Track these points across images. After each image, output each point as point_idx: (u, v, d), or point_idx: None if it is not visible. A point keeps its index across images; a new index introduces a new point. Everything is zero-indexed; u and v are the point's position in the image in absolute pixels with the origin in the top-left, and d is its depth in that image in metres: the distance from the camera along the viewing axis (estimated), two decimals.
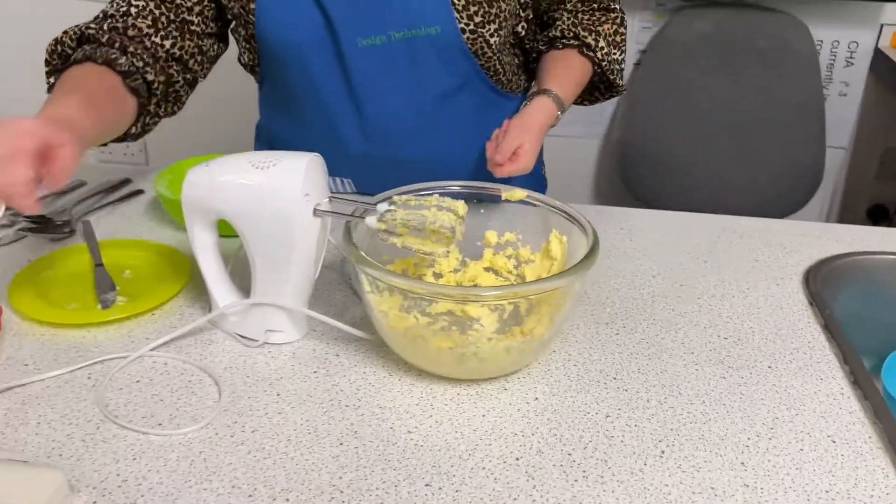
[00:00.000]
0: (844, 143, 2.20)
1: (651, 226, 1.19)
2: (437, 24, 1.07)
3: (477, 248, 0.98)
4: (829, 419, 0.80)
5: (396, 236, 0.82)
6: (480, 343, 0.80)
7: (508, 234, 0.97)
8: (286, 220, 0.81)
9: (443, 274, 0.97)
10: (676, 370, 0.86)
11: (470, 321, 0.88)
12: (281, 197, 0.81)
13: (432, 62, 1.10)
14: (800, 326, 0.95)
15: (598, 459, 0.74)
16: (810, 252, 1.12)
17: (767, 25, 2.02)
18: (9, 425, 0.75)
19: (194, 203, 0.85)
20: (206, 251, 0.88)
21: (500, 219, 0.97)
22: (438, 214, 0.81)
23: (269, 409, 0.78)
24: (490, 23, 1.09)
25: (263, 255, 0.84)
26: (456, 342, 0.80)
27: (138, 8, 1.05)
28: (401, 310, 0.84)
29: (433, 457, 0.73)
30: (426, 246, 0.81)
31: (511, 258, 0.97)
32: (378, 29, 1.07)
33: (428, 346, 0.80)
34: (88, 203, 1.18)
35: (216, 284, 0.89)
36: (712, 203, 1.89)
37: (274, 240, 0.82)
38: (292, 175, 0.81)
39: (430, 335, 0.81)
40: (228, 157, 0.86)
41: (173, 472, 0.71)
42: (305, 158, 0.82)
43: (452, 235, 0.81)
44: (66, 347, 0.86)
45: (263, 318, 0.87)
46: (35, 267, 0.99)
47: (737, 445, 0.76)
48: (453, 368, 0.82)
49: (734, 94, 2.05)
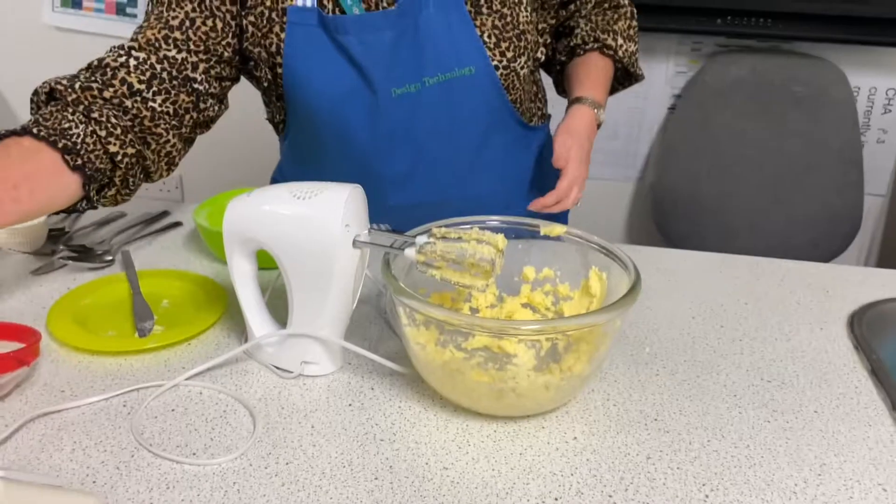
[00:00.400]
0: (883, 190, 2.17)
1: (688, 267, 1.17)
2: (471, 65, 1.07)
3: (514, 283, 0.97)
4: (880, 466, 0.77)
5: (435, 269, 0.81)
6: (519, 378, 0.79)
7: (547, 269, 0.96)
8: (326, 250, 0.81)
9: (479, 309, 0.96)
10: (719, 413, 0.84)
11: (507, 357, 0.87)
12: (321, 227, 0.81)
13: (467, 103, 1.10)
14: (845, 371, 0.93)
15: (640, 502, 0.71)
16: (854, 296, 1.10)
17: (803, 71, 2.02)
18: (44, 451, 0.75)
19: (235, 232, 0.85)
20: (244, 280, 0.88)
21: (538, 254, 0.96)
22: (478, 247, 0.80)
23: (303, 442, 0.77)
24: (520, 56, 1.10)
25: (302, 285, 0.84)
26: (493, 377, 0.79)
27: (138, 61, 0.99)
28: (437, 344, 0.83)
29: (469, 494, 0.72)
30: (465, 279, 0.81)
31: (549, 294, 0.96)
32: (412, 77, 1.06)
33: (465, 380, 0.79)
34: (128, 234, 1.19)
35: (253, 314, 0.89)
36: (747, 249, 1.86)
37: (313, 270, 0.82)
38: (333, 206, 0.81)
39: (467, 369, 0.80)
40: (270, 187, 0.86)
41: (206, 502, 0.70)
42: (347, 189, 0.82)
43: (492, 269, 0.80)
44: (102, 375, 0.86)
45: (299, 350, 0.87)
46: (74, 295, 0.99)
47: (783, 491, 0.73)
48: (491, 404, 0.80)
49: (770, 139, 2.04)
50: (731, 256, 1.21)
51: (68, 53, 2.25)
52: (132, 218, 1.24)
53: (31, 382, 0.85)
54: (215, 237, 1.04)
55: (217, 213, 1.16)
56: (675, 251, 1.23)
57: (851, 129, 2.02)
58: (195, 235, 1.20)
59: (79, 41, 2.25)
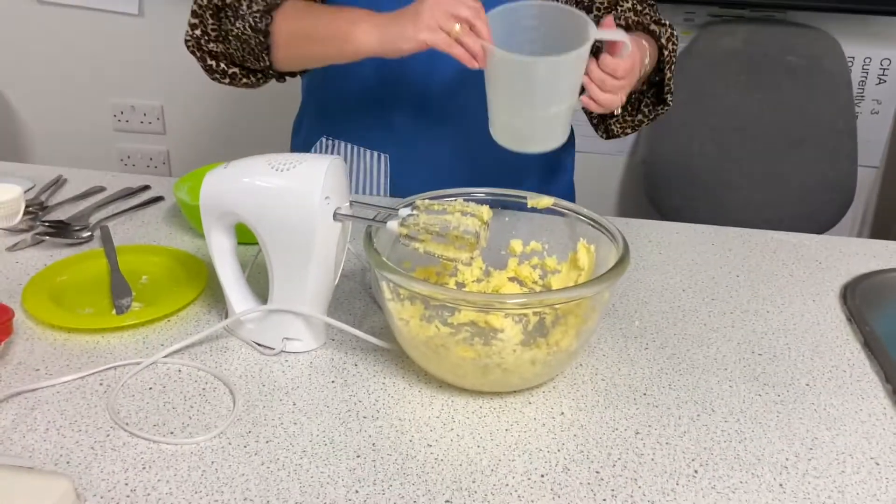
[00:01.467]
0: (876, 161, 2.15)
1: (680, 239, 1.15)
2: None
3: (501, 257, 0.95)
4: (872, 440, 0.76)
5: (419, 241, 0.79)
6: (505, 353, 0.77)
7: (534, 243, 0.94)
8: (306, 223, 0.79)
9: (465, 283, 0.94)
10: (709, 386, 0.83)
11: (493, 332, 0.85)
12: (301, 200, 0.78)
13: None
14: (838, 343, 0.91)
15: (628, 478, 0.70)
16: (847, 268, 1.08)
17: (797, 41, 1.99)
18: (17, 431, 0.73)
19: (212, 206, 0.83)
20: (223, 256, 0.86)
21: (525, 227, 0.94)
22: (462, 219, 0.78)
23: (284, 420, 0.76)
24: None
25: (282, 259, 0.82)
26: (479, 353, 0.77)
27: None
28: (422, 319, 0.81)
29: (454, 472, 0.70)
30: (449, 252, 0.78)
31: (536, 268, 0.94)
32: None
33: (450, 355, 0.77)
34: (108, 209, 1.16)
35: (233, 290, 0.87)
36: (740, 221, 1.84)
37: (293, 244, 0.80)
38: (313, 177, 0.79)
39: (452, 344, 0.78)
40: (247, 159, 0.84)
41: (184, 482, 0.68)
42: (326, 161, 0.80)
43: (476, 241, 0.78)
44: (78, 353, 0.84)
45: (281, 326, 0.85)
46: (50, 271, 0.97)
47: (774, 466, 0.72)
48: (476, 380, 0.79)
49: (763, 110, 2.01)
50: (722, 229, 1.19)
51: (53, 27, 2.21)
52: (112, 192, 1.21)
53: (5, 361, 0.82)
54: (196, 211, 1.01)
55: (198, 188, 1.12)
56: (667, 223, 1.21)
57: (845, 99, 1.99)
58: (176, 210, 1.18)
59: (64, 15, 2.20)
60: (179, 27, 1.19)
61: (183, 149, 2.34)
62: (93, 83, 2.27)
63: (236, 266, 0.87)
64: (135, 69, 2.23)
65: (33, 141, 2.39)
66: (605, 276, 0.76)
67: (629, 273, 1.04)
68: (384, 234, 0.82)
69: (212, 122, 2.27)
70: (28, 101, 2.34)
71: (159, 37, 2.15)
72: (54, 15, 2.20)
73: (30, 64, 2.27)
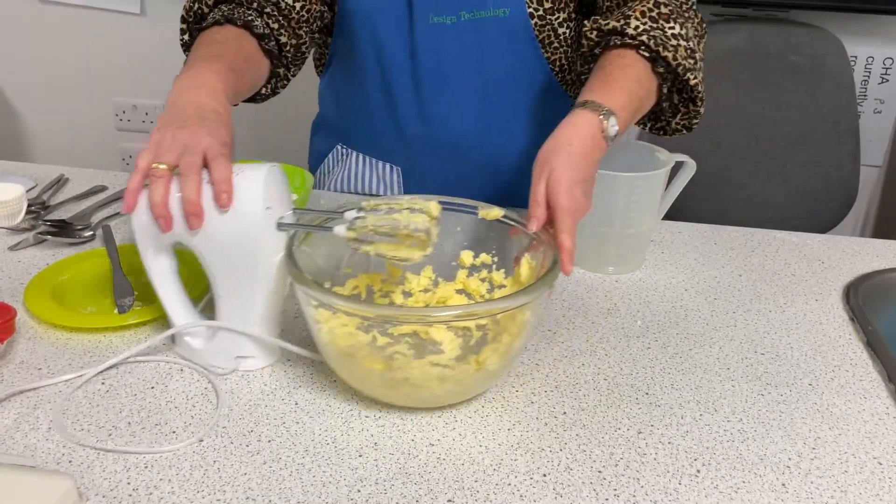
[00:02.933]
0: (879, 161, 2.14)
1: (682, 239, 1.15)
2: (506, 7, 1.07)
3: (452, 268, 0.91)
4: (875, 440, 0.76)
5: (368, 244, 0.76)
6: (410, 367, 0.73)
7: (484, 255, 0.89)
8: (247, 236, 0.75)
9: (413, 293, 0.90)
10: (712, 386, 0.82)
11: (433, 345, 0.80)
12: (240, 212, 0.75)
13: (497, 46, 1.09)
14: (841, 343, 0.91)
15: (630, 478, 0.70)
16: (849, 267, 1.08)
17: (800, 40, 1.98)
18: (19, 430, 0.73)
19: (146, 226, 0.78)
20: (164, 278, 0.82)
21: (477, 238, 0.89)
22: (411, 217, 0.75)
23: (286, 419, 0.76)
24: (560, 10, 1.08)
25: (226, 277, 0.78)
26: (386, 365, 0.73)
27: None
28: (359, 328, 0.76)
29: (456, 471, 0.70)
30: (401, 252, 0.75)
31: (485, 281, 0.90)
32: (450, 9, 1.08)
33: (357, 365, 0.74)
34: (109, 208, 1.16)
35: (178, 314, 0.82)
36: (742, 220, 1.84)
37: (235, 258, 0.77)
38: (251, 188, 0.75)
39: (362, 355, 0.74)
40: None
41: (186, 481, 0.68)
42: (264, 169, 0.76)
43: (428, 238, 0.75)
44: (80, 352, 0.84)
45: (233, 345, 0.81)
46: (52, 270, 0.97)
47: (777, 466, 0.72)
48: (387, 392, 0.75)
49: (765, 109, 2.01)
50: (724, 228, 1.19)
51: (55, 26, 2.21)
52: (114, 192, 1.21)
53: (7, 360, 0.82)
54: None
55: None
56: (669, 223, 1.20)
57: (848, 98, 1.99)
58: None
59: (67, 14, 2.20)
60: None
61: None
62: (95, 82, 2.27)
63: (179, 288, 0.83)
64: (137, 68, 2.23)
65: (35, 140, 2.40)
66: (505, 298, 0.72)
67: (631, 272, 1.04)
68: (325, 241, 0.79)
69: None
70: (30, 101, 2.34)
71: (161, 36, 2.15)
72: (56, 14, 2.20)
73: (32, 63, 2.27)
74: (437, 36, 1.09)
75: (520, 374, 0.83)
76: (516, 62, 1.11)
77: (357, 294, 0.88)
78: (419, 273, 0.90)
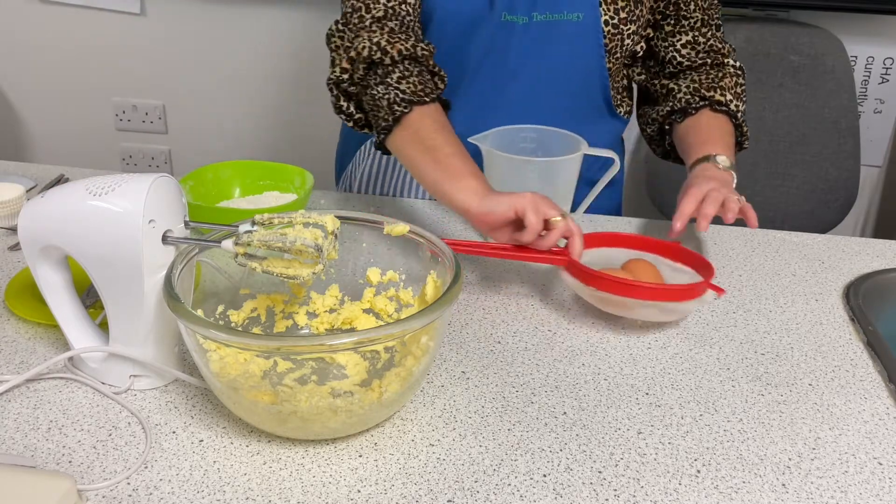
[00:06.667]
0: (879, 160, 2.14)
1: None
2: (581, 11, 1.08)
3: (359, 286, 0.87)
4: (875, 440, 0.76)
5: (258, 260, 0.72)
6: (298, 399, 0.68)
7: (391, 272, 0.86)
8: (131, 250, 0.72)
9: (318, 314, 0.86)
10: (712, 386, 0.82)
11: (339, 369, 0.78)
12: (121, 225, 0.71)
13: (566, 49, 1.11)
14: (841, 343, 0.91)
15: (630, 478, 0.70)
16: (850, 267, 1.08)
17: (801, 40, 1.98)
18: (19, 430, 0.73)
19: (31, 240, 0.75)
20: (55, 292, 0.79)
21: (385, 255, 0.86)
22: (304, 232, 0.71)
23: None
24: (632, 22, 1.09)
25: (113, 293, 0.75)
26: (275, 396, 0.69)
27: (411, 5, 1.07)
28: (258, 355, 0.73)
29: (456, 471, 0.70)
30: (291, 269, 0.72)
31: (393, 300, 0.86)
32: (524, 8, 1.09)
33: (241, 398, 0.69)
34: None
35: (72, 328, 0.80)
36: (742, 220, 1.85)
37: (121, 274, 0.73)
38: (133, 200, 0.71)
39: (246, 388, 0.69)
40: (66, 185, 0.76)
41: (186, 481, 0.68)
42: (149, 180, 0.73)
43: (319, 254, 0.71)
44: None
45: (125, 363, 0.78)
46: None
47: (777, 466, 0.72)
48: (277, 427, 0.71)
49: (766, 109, 2.01)
50: (725, 228, 1.19)
51: (55, 26, 2.21)
52: None
53: (7, 360, 0.82)
54: (197, 210, 1.02)
55: (199, 187, 1.13)
56: (669, 223, 1.20)
57: (848, 98, 1.99)
58: None
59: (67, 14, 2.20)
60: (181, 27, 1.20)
61: (184, 148, 2.34)
62: (95, 82, 2.27)
63: (74, 301, 0.80)
64: (137, 69, 2.23)
65: (35, 140, 2.40)
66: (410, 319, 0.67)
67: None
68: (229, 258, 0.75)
69: (213, 121, 2.26)
70: (30, 101, 2.34)
71: (161, 36, 2.15)
72: (56, 14, 2.20)
73: (32, 63, 2.27)
74: (507, 34, 1.10)
75: (520, 374, 0.83)
76: (583, 70, 1.13)
77: (257, 316, 0.84)
78: (324, 292, 0.86)
